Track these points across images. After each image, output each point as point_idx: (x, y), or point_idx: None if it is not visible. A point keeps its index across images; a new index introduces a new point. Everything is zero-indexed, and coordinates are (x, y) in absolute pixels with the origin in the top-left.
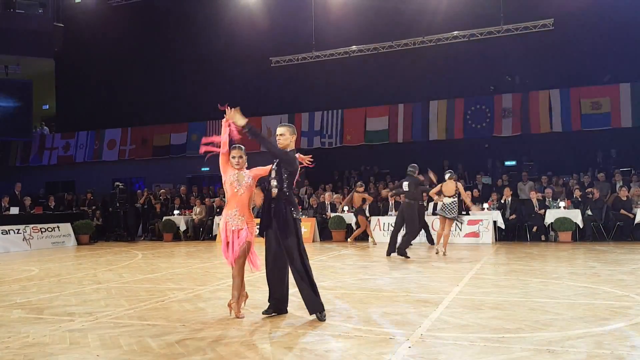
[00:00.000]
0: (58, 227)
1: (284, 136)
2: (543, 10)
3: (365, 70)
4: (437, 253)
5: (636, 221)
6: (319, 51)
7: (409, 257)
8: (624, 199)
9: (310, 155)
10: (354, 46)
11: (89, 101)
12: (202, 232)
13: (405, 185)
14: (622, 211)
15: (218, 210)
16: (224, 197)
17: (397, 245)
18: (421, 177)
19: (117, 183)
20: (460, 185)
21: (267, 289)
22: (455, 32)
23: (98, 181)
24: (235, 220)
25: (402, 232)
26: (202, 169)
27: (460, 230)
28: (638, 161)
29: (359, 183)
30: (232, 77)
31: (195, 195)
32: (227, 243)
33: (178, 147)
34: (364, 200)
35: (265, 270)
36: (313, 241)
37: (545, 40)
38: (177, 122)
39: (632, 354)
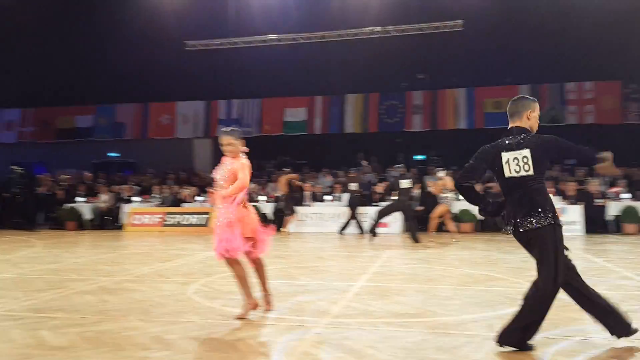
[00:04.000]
0: None
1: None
2: (454, 12)
3: (284, 60)
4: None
5: None
6: (237, 38)
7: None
8: None
9: None
10: (272, 35)
11: None
12: (108, 220)
13: (406, 183)
14: None
15: (126, 198)
16: (135, 184)
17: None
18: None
19: (14, 167)
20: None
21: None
22: (372, 28)
23: None
24: (224, 213)
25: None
26: (110, 154)
27: None
28: None
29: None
30: (145, 59)
31: (102, 181)
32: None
33: (84, 131)
34: (291, 185)
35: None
36: None
37: (454, 41)
38: (83, 104)
39: None
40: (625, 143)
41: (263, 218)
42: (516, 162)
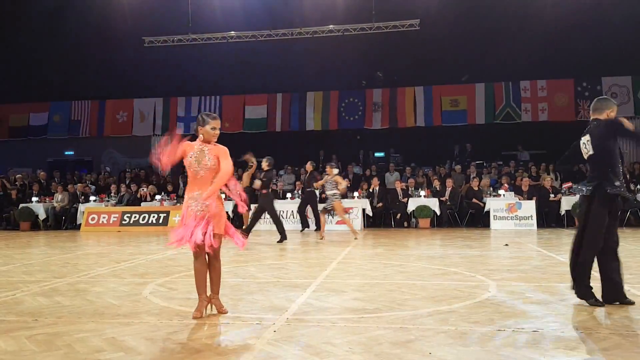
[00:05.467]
0: None
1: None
2: (411, 11)
3: (244, 57)
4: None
5: (486, 209)
6: (196, 34)
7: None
8: (476, 189)
9: None
10: (232, 32)
11: None
12: (64, 220)
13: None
14: (474, 200)
15: (82, 197)
16: (90, 183)
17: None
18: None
19: None
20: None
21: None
22: (331, 26)
23: None
24: (199, 204)
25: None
26: (66, 153)
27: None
28: (490, 155)
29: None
30: (101, 55)
31: (57, 181)
32: (185, 225)
33: (38, 129)
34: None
35: None
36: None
37: (412, 39)
38: (37, 101)
39: (473, 329)
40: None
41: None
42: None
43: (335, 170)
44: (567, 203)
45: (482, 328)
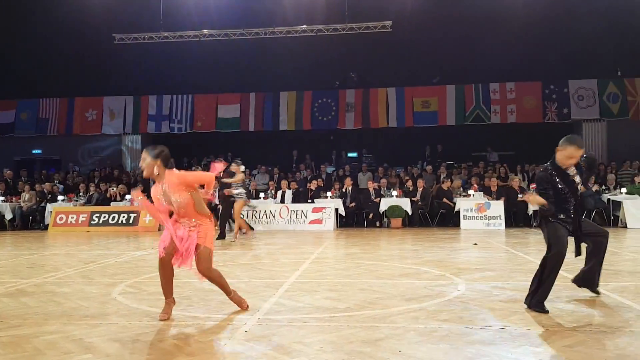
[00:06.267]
0: None
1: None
2: (383, 12)
3: (217, 56)
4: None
5: (456, 209)
6: (168, 32)
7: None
8: (446, 189)
9: None
10: (205, 30)
11: None
12: (31, 220)
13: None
14: (445, 200)
15: (50, 197)
16: (59, 182)
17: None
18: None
19: None
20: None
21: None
22: (304, 26)
23: None
24: (185, 228)
25: None
26: (34, 152)
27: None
28: (460, 156)
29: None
30: (70, 52)
31: (24, 180)
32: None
33: (4, 126)
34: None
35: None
36: (159, 229)
37: (385, 41)
38: (3, 98)
39: (442, 327)
40: (545, 141)
41: None
42: None
43: (242, 167)
44: None
45: (450, 326)
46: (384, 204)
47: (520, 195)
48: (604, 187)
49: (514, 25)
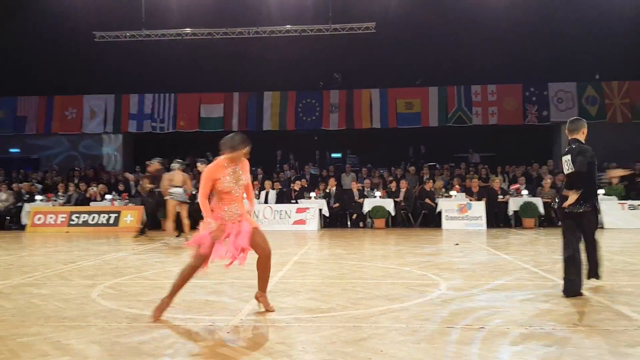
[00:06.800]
0: None
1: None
2: (367, 14)
3: (200, 55)
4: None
5: (438, 210)
6: (150, 30)
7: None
8: (429, 190)
9: None
10: (187, 29)
11: None
12: (9, 220)
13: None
14: (427, 201)
15: (28, 196)
16: (37, 181)
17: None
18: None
19: None
20: (186, 175)
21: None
22: (288, 26)
23: None
24: (236, 213)
25: None
26: (11, 150)
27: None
28: (443, 157)
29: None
30: (50, 49)
31: (1, 179)
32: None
33: None
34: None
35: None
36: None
37: (368, 42)
38: None
39: (424, 326)
40: (525, 142)
41: None
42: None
43: (175, 165)
44: (514, 204)
45: (432, 325)
46: (368, 205)
47: (501, 196)
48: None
49: (495, 28)
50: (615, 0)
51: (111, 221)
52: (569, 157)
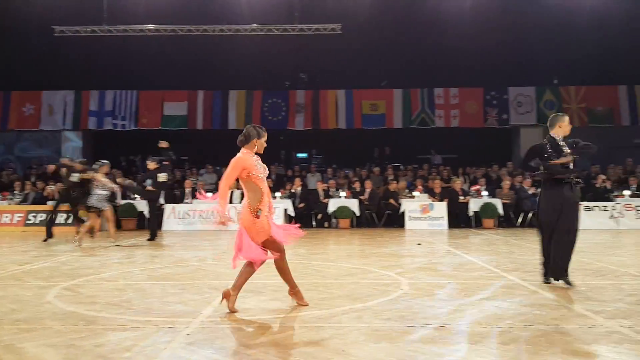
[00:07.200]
0: None
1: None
2: (334, 15)
3: (164, 52)
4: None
5: (401, 210)
6: (112, 25)
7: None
8: (393, 190)
9: None
10: (151, 25)
11: None
12: None
13: (162, 177)
14: (391, 201)
15: None
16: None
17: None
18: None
19: None
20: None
21: None
22: (254, 25)
23: None
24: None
25: None
26: None
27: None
28: (406, 158)
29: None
30: (7, 44)
31: None
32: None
33: None
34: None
35: None
36: (100, 230)
37: (335, 43)
38: None
39: (385, 325)
40: (486, 145)
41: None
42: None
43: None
44: (475, 204)
45: (393, 324)
46: (333, 205)
47: (462, 197)
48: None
49: (458, 33)
50: (573, 8)
51: (70, 221)
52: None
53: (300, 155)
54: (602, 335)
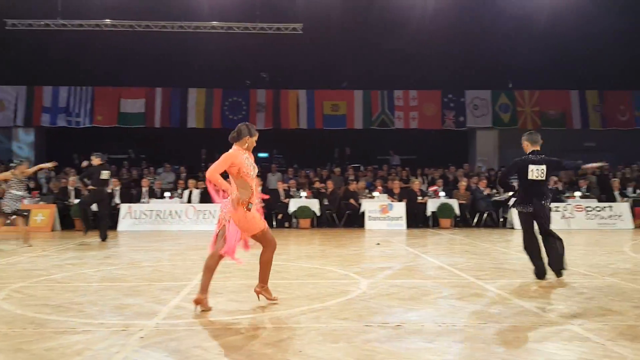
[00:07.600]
0: None
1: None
2: (295, 15)
3: (121, 48)
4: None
5: (361, 210)
6: (66, 19)
7: None
8: (353, 191)
9: None
10: (107, 20)
11: None
12: None
13: (105, 174)
14: (351, 201)
15: None
16: None
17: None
18: None
19: None
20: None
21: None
22: (214, 22)
23: None
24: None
25: None
26: None
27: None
28: (367, 159)
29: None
30: None
31: None
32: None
33: None
34: None
35: None
36: (52, 230)
37: (296, 43)
38: None
39: (343, 325)
40: (443, 146)
41: None
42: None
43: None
44: (432, 205)
45: (350, 324)
46: (293, 205)
47: (420, 197)
48: (495, 190)
49: (417, 36)
50: (528, 13)
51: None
52: (544, 167)
53: (261, 154)
54: (553, 333)
